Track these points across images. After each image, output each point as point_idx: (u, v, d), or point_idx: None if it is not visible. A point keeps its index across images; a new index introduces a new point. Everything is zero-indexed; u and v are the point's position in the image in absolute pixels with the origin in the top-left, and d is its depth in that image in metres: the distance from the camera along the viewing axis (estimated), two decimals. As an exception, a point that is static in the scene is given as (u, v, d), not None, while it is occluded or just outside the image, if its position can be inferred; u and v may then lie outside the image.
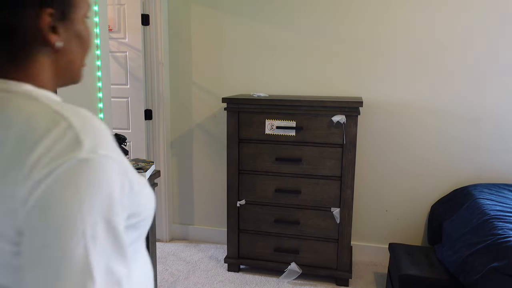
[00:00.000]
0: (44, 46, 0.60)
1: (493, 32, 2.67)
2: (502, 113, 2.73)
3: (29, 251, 0.47)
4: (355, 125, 2.53)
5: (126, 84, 3.25)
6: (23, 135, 0.48)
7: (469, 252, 2.00)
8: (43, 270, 0.46)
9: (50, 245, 0.46)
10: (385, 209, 3.02)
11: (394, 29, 2.80)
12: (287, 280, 2.76)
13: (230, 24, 3.06)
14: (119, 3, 3.14)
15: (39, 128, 0.49)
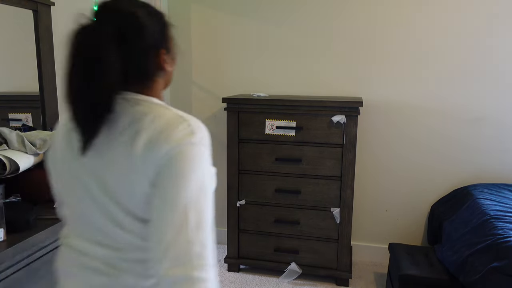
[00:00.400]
0: (162, 71, 0.96)
1: (493, 32, 2.67)
2: (502, 113, 2.73)
3: (161, 186, 0.82)
4: (355, 125, 2.53)
5: (126, 84, 3.25)
6: (165, 126, 0.85)
7: (469, 252, 2.00)
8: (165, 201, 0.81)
9: (173, 181, 0.81)
10: (385, 209, 3.02)
11: (394, 29, 2.80)
12: (287, 280, 2.76)
13: (230, 24, 3.06)
14: (119, 3, 3.15)
15: (167, 123, 0.87)
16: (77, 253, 0.96)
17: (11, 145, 1.42)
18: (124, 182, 0.86)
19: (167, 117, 0.89)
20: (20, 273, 1.22)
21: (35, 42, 1.89)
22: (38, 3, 1.86)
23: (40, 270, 1.31)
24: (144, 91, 0.94)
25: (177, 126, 0.87)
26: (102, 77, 0.83)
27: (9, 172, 1.35)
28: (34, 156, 1.45)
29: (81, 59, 0.85)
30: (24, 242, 1.20)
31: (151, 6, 0.95)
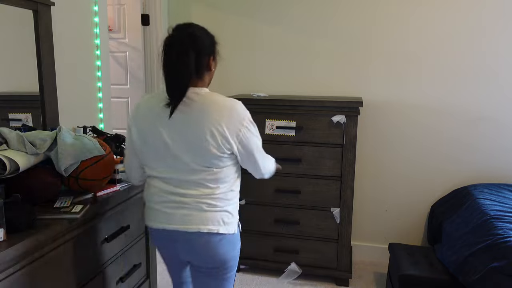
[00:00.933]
0: (209, 71, 1.48)
1: (493, 32, 2.67)
2: (502, 113, 2.73)
3: (246, 142, 1.43)
4: (355, 125, 2.53)
5: (126, 84, 3.25)
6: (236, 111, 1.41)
7: (469, 252, 2.00)
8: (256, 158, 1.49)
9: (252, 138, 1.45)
10: (385, 209, 3.02)
11: (394, 29, 2.80)
12: (287, 280, 2.76)
13: (230, 24, 3.06)
14: (119, 3, 3.15)
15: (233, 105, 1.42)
16: (156, 188, 1.48)
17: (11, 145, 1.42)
18: (199, 137, 1.38)
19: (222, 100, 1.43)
20: (20, 273, 1.22)
21: (35, 42, 1.89)
22: (38, 3, 1.86)
23: (40, 270, 1.31)
24: (199, 83, 1.45)
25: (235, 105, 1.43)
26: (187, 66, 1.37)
27: (9, 172, 1.35)
28: (34, 156, 1.45)
29: (174, 52, 1.37)
30: (24, 242, 1.20)
31: (206, 29, 1.48)
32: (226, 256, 1.48)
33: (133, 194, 1.86)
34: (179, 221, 1.43)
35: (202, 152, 1.38)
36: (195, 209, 1.42)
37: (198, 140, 1.37)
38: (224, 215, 1.45)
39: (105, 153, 1.64)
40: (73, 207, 1.47)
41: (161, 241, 1.53)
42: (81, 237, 1.51)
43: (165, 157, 1.42)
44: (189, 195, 1.42)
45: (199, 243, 1.44)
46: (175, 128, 1.39)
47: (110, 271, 1.75)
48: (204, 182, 1.41)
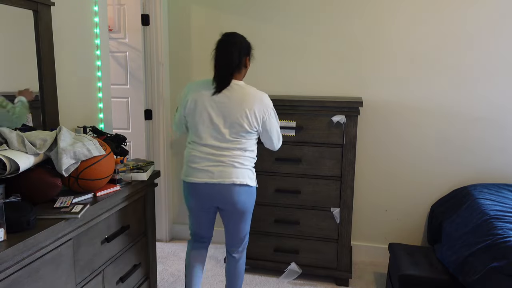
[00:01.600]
0: (245, 68, 2.03)
1: (493, 32, 2.67)
2: (502, 113, 2.73)
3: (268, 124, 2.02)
4: (355, 125, 2.53)
5: (126, 84, 3.25)
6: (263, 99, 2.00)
7: (469, 252, 2.00)
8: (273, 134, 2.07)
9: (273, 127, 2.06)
10: (385, 209, 3.02)
11: (394, 29, 2.80)
12: (287, 280, 2.76)
13: (230, 24, 3.06)
14: (119, 3, 3.15)
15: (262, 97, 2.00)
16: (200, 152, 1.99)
17: (11, 145, 1.42)
18: (236, 116, 1.93)
19: (254, 91, 2.00)
20: (20, 273, 1.22)
21: (35, 42, 1.89)
22: (38, 3, 1.86)
23: (40, 270, 1.31)
24: (238, 76, 2.00)
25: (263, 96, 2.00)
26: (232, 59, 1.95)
27: (9, 172, 1.35)
28: (34, 156, 1.45)
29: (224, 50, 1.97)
30: (24, 242, 1.20)
31: (244, 37, 2.03)
32: (248, 201, 2.05)
33: (133, 194, 1.87)
34: (218, 176, 1.95)
35: (236, 126, 1.94)
36: (230, 166, 1.96)
37: (235, 118, 1.93)
38: (250, 172, 2.03)
39: (105, 153, 1.64)
40: (73, 207, 1.47)
41: (200, 194, 2.02)
42: (81, 237, 1.52)
43: (208, 128, 1.96)
44: (225, 155, 1.95)
45: (236, 192, 1.98)
46: (218, 107, 1.95)
47: (110, 271, 1.75)
48: (236, 148, 1.96)
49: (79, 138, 1.60)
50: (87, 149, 1.56)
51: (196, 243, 2.25)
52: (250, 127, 1.95)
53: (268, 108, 2.00)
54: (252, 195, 2.08)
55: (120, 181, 1.79)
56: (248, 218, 2.13)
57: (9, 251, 1.15)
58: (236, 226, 2.12)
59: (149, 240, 2.08)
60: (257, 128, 1.98)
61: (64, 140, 1.52)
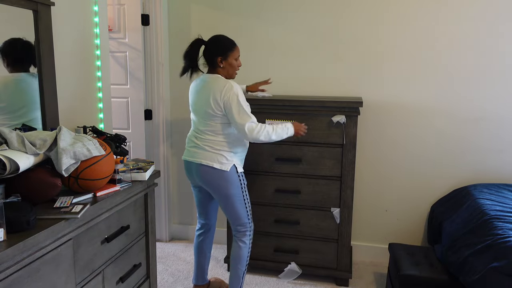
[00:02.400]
0: (219, 67, 2.26)
1: (493, 32, 2.67)
2: (502, 113, 2.73)
3: (228, 106, 2.13)
4: (355, 125, 2.53)
5: (126, 84, 3.25)
6: (221, 85, 2.16)
7: (469, 252, 2.00)
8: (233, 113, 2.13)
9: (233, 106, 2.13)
10: (385, 209, 3.02)
11: (394, 29, 2.80)
12: (287, 279, 2.76)
13: (230, 24, 3.06)
14: (119, 3, 3.15)
15: (224, 83, 2.16)
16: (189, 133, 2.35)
17: (11, 145, 1.42)
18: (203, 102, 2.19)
19: (221, 82, 2.17)
20: (20, 273, 1.22)
21: (35, 42, 1.89)
22: (38, 3, 1.86)
23: (40, 270, 1.31)
24: (213, 71, 2.27)
25: (225, 84, 2.14)
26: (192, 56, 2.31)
27: (9, 172, 1.35)
28: (34, 156, 1.45)
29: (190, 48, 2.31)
30: (24, 242, 1.20)
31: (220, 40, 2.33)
32: (220, 184, 2.21)
33: (133, 194, 1.87)
34: (192, 155, 2.25)
35: (205, 111, 2.18)
36: (202, 148, 2.21)
37: (203, 104, 2.19)
38: (220, 156, 2.19)
39: (105, 153, 1.64)
40: (73, 207, 1.47)
41: (186, 169, 2.36)
42: (81, 237, 1.52)
43: (193, 114, 2.30)
44: (200, 138, 2.23)
45: (202, 171, 2.21)
46: (196, 96, 2.26)
47: (110, 271, 1.75)
48: (208, 131, 2.21)
49: (79, 138, 1.60)
50: (87, 149, 1.55)
51: (196, 231, 2.56)
52: (213, 110, 2.15)
53: (228, 92, 2.12)
54: (226, 179, 2.20)
55: (120, 181, 1.79)
56: (233, 201, 2.26)
57: (9, 251, 1.15)
58: (223, 207, 2.32)
59: (149, 240, 2.08)
60: (220, 110, 2.15)
61: (64, 140, 1.52)
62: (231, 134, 2.22)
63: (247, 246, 2.35)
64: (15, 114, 1.86)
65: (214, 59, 2.24)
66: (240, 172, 2.26)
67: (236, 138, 2.23)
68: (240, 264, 2.34)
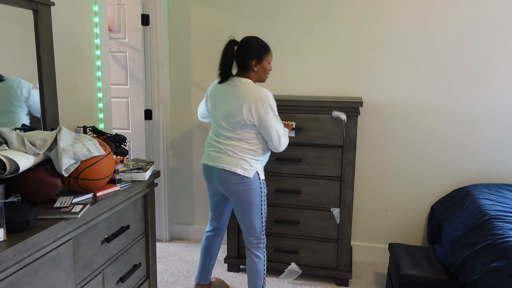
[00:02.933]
0: (252, 70, 2.15)
1: (493, 32, 2.67)
2: (502, 113, 2.74)
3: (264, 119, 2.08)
4: (355, 125, 2.53)
5: (126, 84, 3.25)
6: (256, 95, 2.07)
7: (469, 252, 2.00)
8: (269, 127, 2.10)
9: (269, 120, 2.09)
10: (385, 209, 3.02)
11: (394, 29, 2.80)
12: (287, 280, 2.76)
13: (230, 24, 3.06)
14: (119, 3, 3.15)
15: (259, 92, 2.08)
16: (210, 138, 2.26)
17: (11, 145, 1.42)
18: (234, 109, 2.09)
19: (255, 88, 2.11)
20: (20, 273, 1.22)
21: (35, 42, 1.89)
22: (38, 3, 1.86)
23: (40, 270, 1.31)
24: (244, 75, 2.16)
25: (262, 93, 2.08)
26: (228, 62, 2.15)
27: (9, 172, 1.35)
28: (34, 156, 1.45)
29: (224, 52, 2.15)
30: (24, 242, 1.20)
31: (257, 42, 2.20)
32: (241, 190, 2.15)
33: (133, 194, 1.87)
34: (214, 160, 2.17)
35: (234, 118, 2.10)
36: (225, 153, 2.14)
37: (233, 110, 2.10)
38: (244, 162, 2.13)
39: (105, 153, 1.64)
40: (73, 207, 1.47)
41: (205, 173, 2.28)
42: (81, 237, 1.52)
43: (216, 118, 2.20)
44: (223, 143, 2.15)
45: (223, 176, 2.14)
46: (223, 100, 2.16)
47: (110, 271, 1.75)
48: (233, 137, 2.13)
49: (79, 138, 1.60)
50: (87, 149, 1.55)
51: (206, 232, 2.52)
52: (244, 120, 2.08)
53: (264, 104, 2.06)
54: (248, 186, 2.14)
55: (120, 181, 1.79)
56: (251, 209, 2.19)
57: (9, 251, 1.15)
58: (239, 215, 2.24)
59: (149, 240, 2.08)
60: (252, 121, 2.08)
61: (64, 140, 1.52)
62: (257, 142, 2.16)
63: (262, 260, 2.29)
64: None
65: (247, 62, 2.12)
66: (262, 179, 2.20)
67: (261, 146, 2.17)
68: (258, 279, 2.28)
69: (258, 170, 2.18)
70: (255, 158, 2.16)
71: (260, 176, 2.19)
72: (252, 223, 2.22)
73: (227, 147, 2.14)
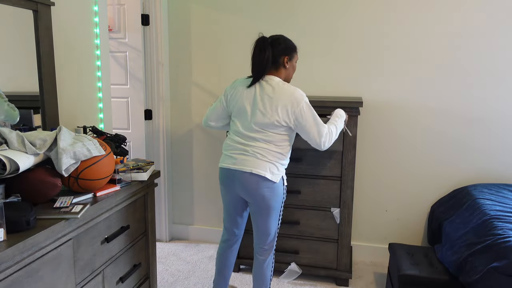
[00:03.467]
0: (283, 67, 2.08)
1: (493, 32, 2.67)
2: (502, 113, 2.73)
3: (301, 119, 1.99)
4: (355, 125, 2.53)
5: (126, 84, 3.25)
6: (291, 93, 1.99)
7: (469, 252, 2.00)
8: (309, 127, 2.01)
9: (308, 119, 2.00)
10: (385, 209, 3.02)
11: (394, 29, 2.80)
12: (287, 280, 2.76)
13: (230, 24, 3.06)
14: (119, 3, 3.15)
15: (293, 91, 2.00)
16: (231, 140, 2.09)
17: (11, 145, 1.42)
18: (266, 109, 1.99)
19: (288, 88, 2.02)
20: (20, 273, 1.22)
21: (35, 42, 1.89)
22: (38, 3, 1.86)
23: (40, 270, 1.31)
24: (274, 73, 2.07)
25: (295, 92, 2.00)
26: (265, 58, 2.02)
27: (9, 172, 1.35)
28: (34, 156, 1.45)
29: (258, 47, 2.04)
30: (24, 242, 1.20)
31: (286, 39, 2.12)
32: (267, 195, 2.03)
33: (133, 194, 1.87)
34: (239, 163, 2.02)
35: (265, 119, 1.99)
36: (252, 156, 2.00)
37: (264, 110, 1.99)
38: (273, 166, 2.02)
39: (105, 153, 1.64)
40: (73, 207, 1.47)
41: (225, 178, 2.10)
42: (81, 237, 1.52)
43: (241, 118, 2.05)
44: (250, 145, 2.02)
45: (249, 180, 2.00)
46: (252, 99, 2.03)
47: (110, 271, 1.75)
48: (262, 139, 2.01)
49: (79, 138, 1.60)
50: (87, 149, 1.56)
51: (222, 242, 2.33)
52: (278, 121, 1.97)
53: (300, 103, 1.97)
54: (273, 190, 2.04)
55: (120, 181, 1.79)
56: (270, 214, 2.09)
57: (9, 251, 1.15)
58: (258, 219, 2.12)
59: (149, 240, 2.08)
60: (287, 123, 1.98)
61: (64, 140, 1.52)
62: (286, 145, 2.06)
63: (270, 266, 2.23)
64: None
65: (279, 58, 2.04)
66: (285, 185, 2.12)
67: (289, 149, 2.09)
68: (264, 284, 2.24)
69: (283, 175, 2.10)
70: (281, 162, 2.06)
71: (285, 182, 2.11)
72: (268, 229, 2.13)
73: (255, 149, 2.00)
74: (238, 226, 2.28)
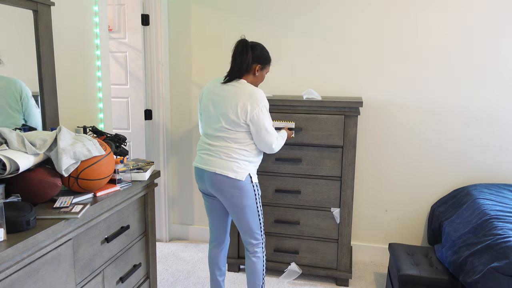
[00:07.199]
0: (253, 74, 2.14)
1: (492, 32, 2.67)
2: (502, 113, 2.73)
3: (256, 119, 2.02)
4: (355, 125, 2.53)
5: (126, 84, 3.25)
6: (251, 93, 2.03)
7: (469, 252, 2.00)
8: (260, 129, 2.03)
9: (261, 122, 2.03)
10: (385, 209, 3.02)
11: (394, 30, 2.80)
12: (287, 280, 2.76)
13: (230, 24, 3.06)
14: (119, 3, 3.15)
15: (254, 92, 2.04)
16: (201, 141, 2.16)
17: (11, 145, 1.42)
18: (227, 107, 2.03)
19: (251, 89, 2.05)
20: (20, 273, 1.22)
21: (35, 42, 1.89)
22: (38, 3, 1.86)
23: (40, 270, 1.31)
24: (245, 78, 2.12)
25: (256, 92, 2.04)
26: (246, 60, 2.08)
27: (9, 172, 1.35)
28: (34, 156, 1.45)
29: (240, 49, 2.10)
30: (24, 242, 1.20)
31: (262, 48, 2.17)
32: (233, 194, 2.06)
33: (133, 194, 1.87)
34: (205, 163, 2.09)
35: (226, 118, 2.04)
36: (216, 156, 2.06)
37: (226, 109, 2.03)
38: (236, 164, 2.05)
39: (105, 153, 1.64)
40: (73, 207, 1.47)
41: (197, 176, 2.18)
42: (81, 237, 1.52)
43: (207, 119, 2.12)
44: (214, 145, 2.08)
45: (215, 180, 2.06)
46: (216, 100, 2.09)
47: (110, 271, 1.75)
48: (225, 138, 2.05)
49: (79, 138, 1.60)
50: (87, 149, 1.56)
51: (209, 244, 2.38)
52: (238, 119, 2.01)
53: (259, 104, 2.01)
54: (239, 188, 2.06)
55: (120, 181, 1.79)
56: (245, 212, 2.11)
57: (9, 251, 1.15)
58: (235, 219, 2.17)
59: (149, 240, 2.08)
60: (244, 120, 2.02)
61: (64, 140, 1.52)
62: (250, 142, 2.08)
63: (261, 260, 2.23)
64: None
65: (252, 65, 2.10)
66: (254, 182, 2.11)
67: (255, 146, 2.10)
68: (257, 279, 2.24)
69: (251, 173, 2.09)
70: (247, 159, 2.08)
71: (253, 179, 2.10)
72: (249, 225, 2.16)
73: (219, 149, 2.06)
74: (220, 226, 2.31)
